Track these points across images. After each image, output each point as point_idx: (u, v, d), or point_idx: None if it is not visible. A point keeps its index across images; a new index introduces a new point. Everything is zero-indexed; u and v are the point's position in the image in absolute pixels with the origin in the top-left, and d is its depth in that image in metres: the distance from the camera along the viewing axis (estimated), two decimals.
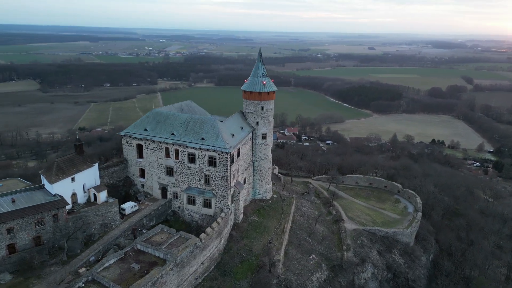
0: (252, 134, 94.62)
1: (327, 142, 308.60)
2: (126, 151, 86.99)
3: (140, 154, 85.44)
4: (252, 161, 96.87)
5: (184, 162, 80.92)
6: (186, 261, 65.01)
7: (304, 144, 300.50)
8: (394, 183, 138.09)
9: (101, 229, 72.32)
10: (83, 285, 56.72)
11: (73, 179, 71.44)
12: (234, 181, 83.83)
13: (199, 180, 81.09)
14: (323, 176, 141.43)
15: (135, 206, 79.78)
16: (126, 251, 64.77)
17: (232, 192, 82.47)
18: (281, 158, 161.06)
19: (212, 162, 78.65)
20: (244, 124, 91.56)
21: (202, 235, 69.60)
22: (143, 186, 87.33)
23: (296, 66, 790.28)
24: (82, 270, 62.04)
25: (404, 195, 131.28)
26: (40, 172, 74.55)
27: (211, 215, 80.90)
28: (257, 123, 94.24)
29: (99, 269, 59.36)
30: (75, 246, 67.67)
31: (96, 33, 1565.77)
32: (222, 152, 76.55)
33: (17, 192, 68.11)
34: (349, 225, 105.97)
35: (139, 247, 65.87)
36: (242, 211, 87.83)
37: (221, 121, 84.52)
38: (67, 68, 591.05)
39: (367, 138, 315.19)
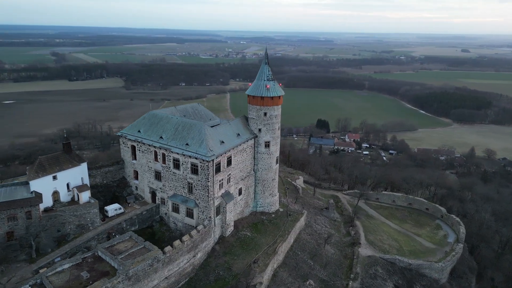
0: (254, 141, 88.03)
1: (390, 151, 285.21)
2: (123, 151, 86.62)
3: (134, 156, 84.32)
4: (254, 170, 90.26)
5: (170, 167, 77.68)
6: (143, 275, 61.31)
7: (363, 152, 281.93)
8: (437, 205, 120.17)
9: (77, 229, 72.13)
10: (29, 287, 56.07)
11: (54, 177, 72.28)
12: (222, 191, 78.26)
13: (183, 187, 77.17)
14: (353, 191, 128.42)
15: (120, 208, 78.55)
16: (85, 256, 63.23)
17: (218, 203, 77.08)
18: (315, 166, 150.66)
19: (194, 169, 74.13)
20: (243, 131, 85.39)
21: (167, 248, 65.39)
22: (136, 188, 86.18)
23: (374, 68, 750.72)
24: (43, 270, 61.76)
25: (448, 221, 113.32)
26: (27, 168, 76.96)
27: (193, 226, 76.40)
28: (260, 130, 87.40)
29: (50, 273, 58.40)
30: (48, 244, 68.23)
31: (183, 35, 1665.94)
32: (203, 160, 71.54)
33: (3, 186, 70.77)
34: (364, 251, 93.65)
35: (99, 253, 63.94)
36: (232, 224, 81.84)
37: (212, 127, 79.49)
38: (149, 68, 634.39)
39: (438, 150, 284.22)
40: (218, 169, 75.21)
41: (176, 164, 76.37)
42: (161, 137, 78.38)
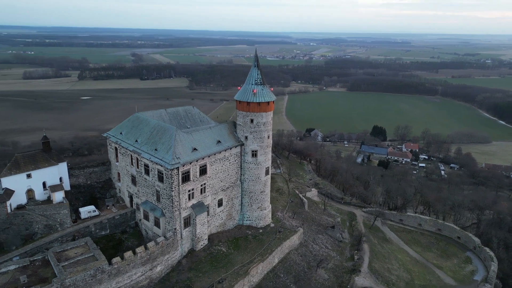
0: (241, 149, 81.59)
1: (451, 165, 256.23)
2: (109, 152, 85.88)
3: (117, 158, 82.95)
4: (240, 181, 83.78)
5: (142, 172, 74.64)
6: (83, 285, 58.55)
7: (419, 165, 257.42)
8: (470, 235, 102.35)
9: (45, 229, 72.18)
10: None
11: (29, 176, 73.17)
12: (194, 202, 73.19)
13: (153, 195, 73.53)
14: (373, 208, 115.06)
15: (95, 211, 77.40)
16: (34, 259, 62.48)
17: (187, 214, 72.21)
18: (342, 177, 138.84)
19: (160, 177, 70.02)
20: (227, 137, 79.40)
21: (115, 259, 62.01)
22: (119, 191, 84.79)
23: (453, 72, 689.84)
24: None
25: (480, 255, 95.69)
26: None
27: (160, 236, 72.42)
28: (246, 137, 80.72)
29: None
30: (13, 242, 69.07)
31: (255, 37, 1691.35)
32: (167, 168, 67.14)
33: None
34: (362, 280, 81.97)
35: (49, 257, 62.78)
36: (205, 237, 76.25)
37: (189, 133, 74.68)
38: (213, 69, 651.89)
39: (510, 167, 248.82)
40: (186, 178, 70.25)
41: (147, 170, 73.07)
42: (136, 141, 75.74)
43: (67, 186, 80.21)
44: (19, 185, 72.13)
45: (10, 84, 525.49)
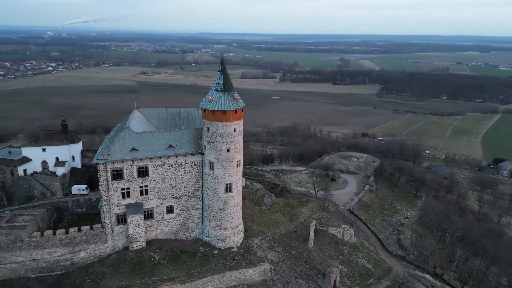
0: (202, 159, 74.96)
1: None
2: None
3: None
4: (202, 192, 77.01)
5: None
6: (6, 247, 68.21)
7: None
8: None
9: (41, 196, 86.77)
10: None
11: (44, 149, 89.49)
12: (130, 201, 72.70)
13: None
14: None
15: (84, 190, 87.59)
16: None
17: (120, 212, 72.59)
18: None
19: None
20: (185, 144, 74.38)
21: (35, 233, 69.56)
22: None
23: None
24: None
25: None
26: None
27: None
28: (205, 147, 73.46)
29: None
30: (18, 199, 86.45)
31: (492, 42, 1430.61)
32: (94, 162, 69.46)
33: (9, 147, 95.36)
34: None
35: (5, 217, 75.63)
36: (141, 239, 74.19)
37: (143, 132, 73.97)
38: (414, 77, 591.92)
39: None
40: (119, 176, 70.62)
41: None
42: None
43: (78, 164, 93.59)
44: (35, 156, 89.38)
45: None
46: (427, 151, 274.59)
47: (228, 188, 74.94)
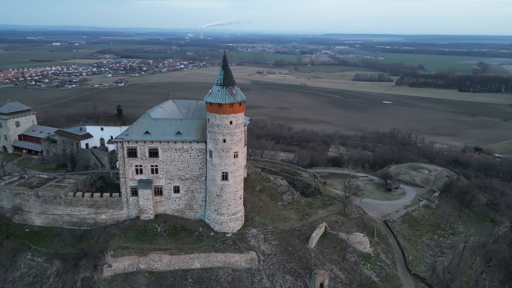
0: (206, 147, 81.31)
1: None
2: None
3: None
4: (205, 178, 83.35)
5: None
6: (49, 201, 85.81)
7: None
8: None
9: (94, 166, 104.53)
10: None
11: (102, 129, 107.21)
12: (142, 176, 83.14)
13: None
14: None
15: None
16: (56, 176, 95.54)
17: (134, 185, 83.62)
18: None
19: None
20: (192, 132, 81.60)
21: (69, 192, 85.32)
22: None
23: None
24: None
25: None
26: None
27: None
28: (207, 136, 79.63)
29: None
30: (79, 167, 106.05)
31: None
32: (115, 140, 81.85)
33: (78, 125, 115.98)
34: None
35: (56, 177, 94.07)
36: (149, 212, 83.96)
37: (160, 119, 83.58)
38: None
39: None
40: (133, 154, 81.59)
41: None
42: None
43: None
44: (95, 133, 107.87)
45: (337, 83, 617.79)
46: None
47: (224, 177, 79.47)
